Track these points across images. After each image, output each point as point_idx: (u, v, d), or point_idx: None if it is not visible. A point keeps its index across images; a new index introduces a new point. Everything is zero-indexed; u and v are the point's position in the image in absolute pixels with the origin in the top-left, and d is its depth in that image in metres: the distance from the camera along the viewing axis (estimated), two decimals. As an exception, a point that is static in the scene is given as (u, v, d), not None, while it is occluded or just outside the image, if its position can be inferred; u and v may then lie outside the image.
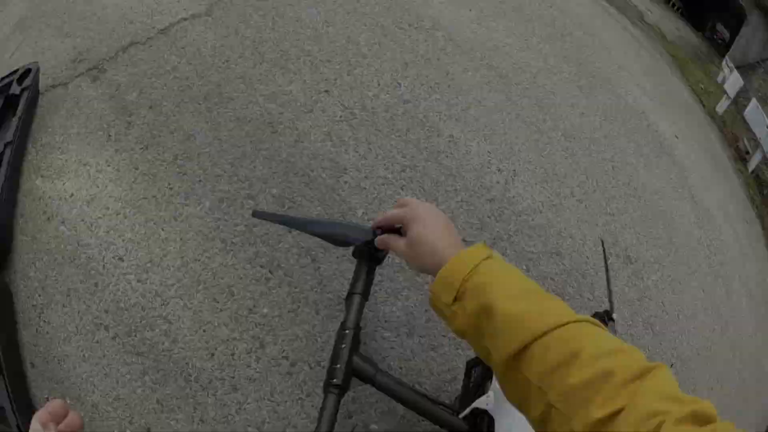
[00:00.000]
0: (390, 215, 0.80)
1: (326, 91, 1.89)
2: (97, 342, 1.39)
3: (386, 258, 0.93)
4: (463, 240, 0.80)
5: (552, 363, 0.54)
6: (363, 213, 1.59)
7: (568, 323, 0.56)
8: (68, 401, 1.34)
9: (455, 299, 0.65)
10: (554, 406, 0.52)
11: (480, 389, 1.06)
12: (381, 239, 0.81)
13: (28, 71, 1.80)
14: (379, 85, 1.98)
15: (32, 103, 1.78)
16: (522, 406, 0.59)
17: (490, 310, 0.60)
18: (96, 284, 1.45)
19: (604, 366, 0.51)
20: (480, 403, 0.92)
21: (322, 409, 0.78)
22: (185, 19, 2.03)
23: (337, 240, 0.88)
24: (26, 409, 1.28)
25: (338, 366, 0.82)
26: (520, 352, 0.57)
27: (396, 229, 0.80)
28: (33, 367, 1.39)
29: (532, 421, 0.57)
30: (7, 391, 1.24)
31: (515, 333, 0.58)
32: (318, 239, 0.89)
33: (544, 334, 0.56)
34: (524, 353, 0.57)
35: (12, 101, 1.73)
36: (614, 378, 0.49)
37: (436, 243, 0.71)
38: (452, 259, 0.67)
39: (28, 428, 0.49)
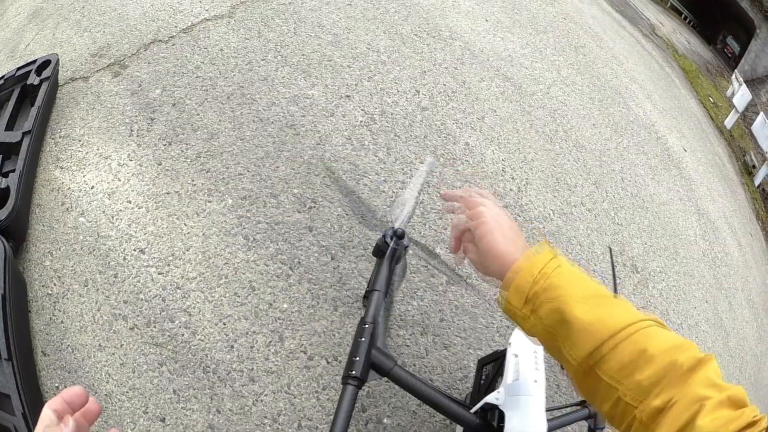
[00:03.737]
0: (456, 222, 0.81)
1: (347, 96, 1.92)
2: (115, 332, 1.39)
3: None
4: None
5: (622, 362, 0.59)
6: (382, 215, 1.62)
7: (635, 323, 0.61)
8: (81, 389, 1.33)
9: (525, 302, 0.68)
10: (623, 399, 0.58)
11: (491, 386, 1.09)
12: (464, 246, 0.82)
13: (47, 62, 1.80)
14: (398, 91, 2.02)
15: (51, 95, 1.78)
16: (593, 400, 0.65)
17: (563, 315, 0.64)
18: (115, 275, 1.47)
19: (666, 361, 0.57)
20: (491, 398, 0.94)
21: (340, 400, 0.79)
22: (207, 20, 2.07)
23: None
24: (34, 397, 1.26)
25: (357, 358, 0.84)
26: (592, 353, 0.62)
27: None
28: (45, 355, 1.38)
29: (603, 413, 0.63)
30: (15, 377, 1.19)
31: (589, 337, 0.62)
32: (338, 239, 0.92)
33: (615, 334, 0.61)
34: (596, 353, 0.62)
35: (29, 91, 1.73)
36: (674, 371, 0.56)
37: (501, 248, 0.73)
38: (519, 261, 0.70)
39: (37, 417, 0.43)
